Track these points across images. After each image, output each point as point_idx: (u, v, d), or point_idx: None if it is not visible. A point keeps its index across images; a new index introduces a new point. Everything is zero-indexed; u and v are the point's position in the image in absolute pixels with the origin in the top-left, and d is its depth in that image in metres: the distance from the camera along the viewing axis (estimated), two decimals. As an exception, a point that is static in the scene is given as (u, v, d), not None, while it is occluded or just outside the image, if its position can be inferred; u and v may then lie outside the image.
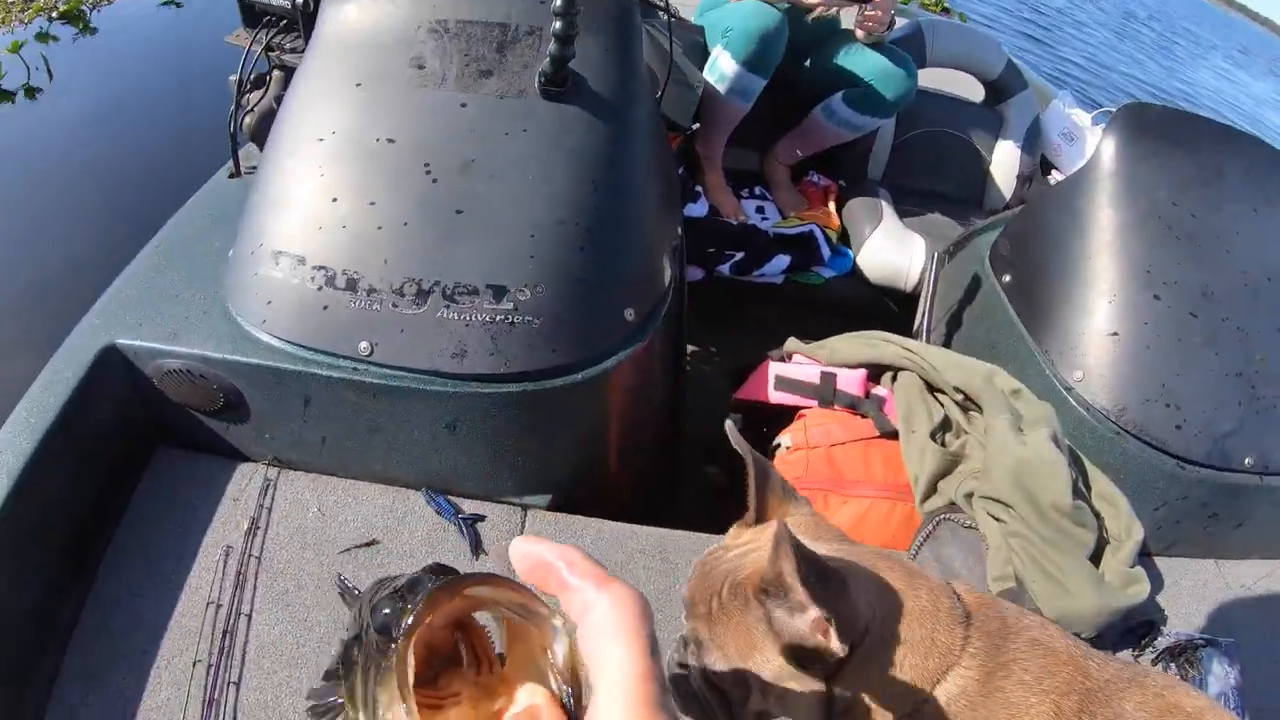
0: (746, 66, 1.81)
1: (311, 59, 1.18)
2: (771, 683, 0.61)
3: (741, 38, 1.78)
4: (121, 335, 1.08)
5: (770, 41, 1.78)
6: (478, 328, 1.02)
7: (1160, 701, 0.64)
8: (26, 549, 0.97)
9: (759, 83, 1.86)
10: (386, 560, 1.08)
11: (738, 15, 1.79)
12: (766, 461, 0.73)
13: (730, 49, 1.81)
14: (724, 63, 1.83)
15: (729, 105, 1.89)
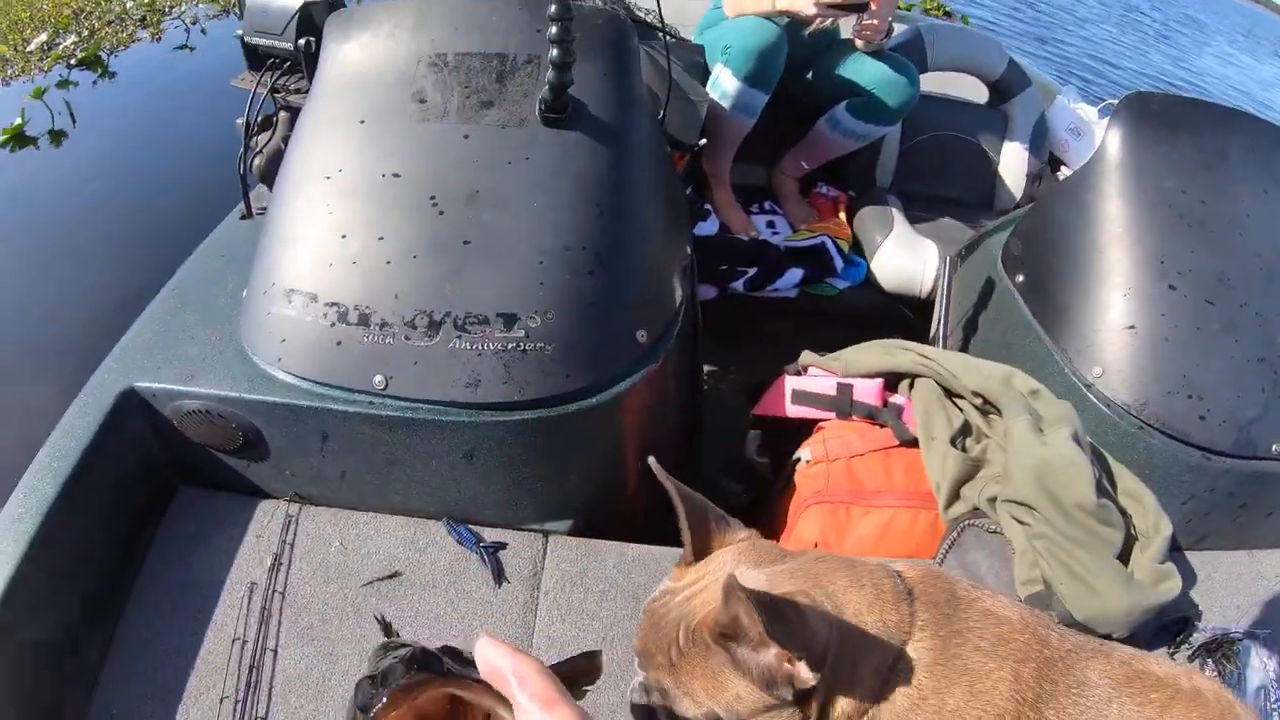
0: (748, 82, 1.82)
1: (315, 99, 1.20)
2: (749, 718, 0.62)
3: (741, 54, 1.78)
4: (140, 378, 1.10)
5: (769, 56, 1.78)
6: (490, 357, 1.02)
7: (1126, 669, 0.66)
8: (53, 591, 0.99)
9: (761, 98, 1.86)
10: (410, 592, 1.08)
11: (736, 32, 1.80)
12: (695, 494, 0.71)
13: (730, 66, 1.81)
14: (725, 80, 1.83)
15: (733, 122, 1.89)
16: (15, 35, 5.69)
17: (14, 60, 5.31)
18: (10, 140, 4.03)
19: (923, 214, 2.12)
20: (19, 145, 4.03)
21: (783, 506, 1.29)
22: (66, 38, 5.60)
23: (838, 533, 1.18)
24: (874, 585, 0.66)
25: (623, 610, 1.07)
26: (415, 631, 1.04)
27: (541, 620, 1.06)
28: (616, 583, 1.10)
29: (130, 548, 1.11)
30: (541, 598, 1.08)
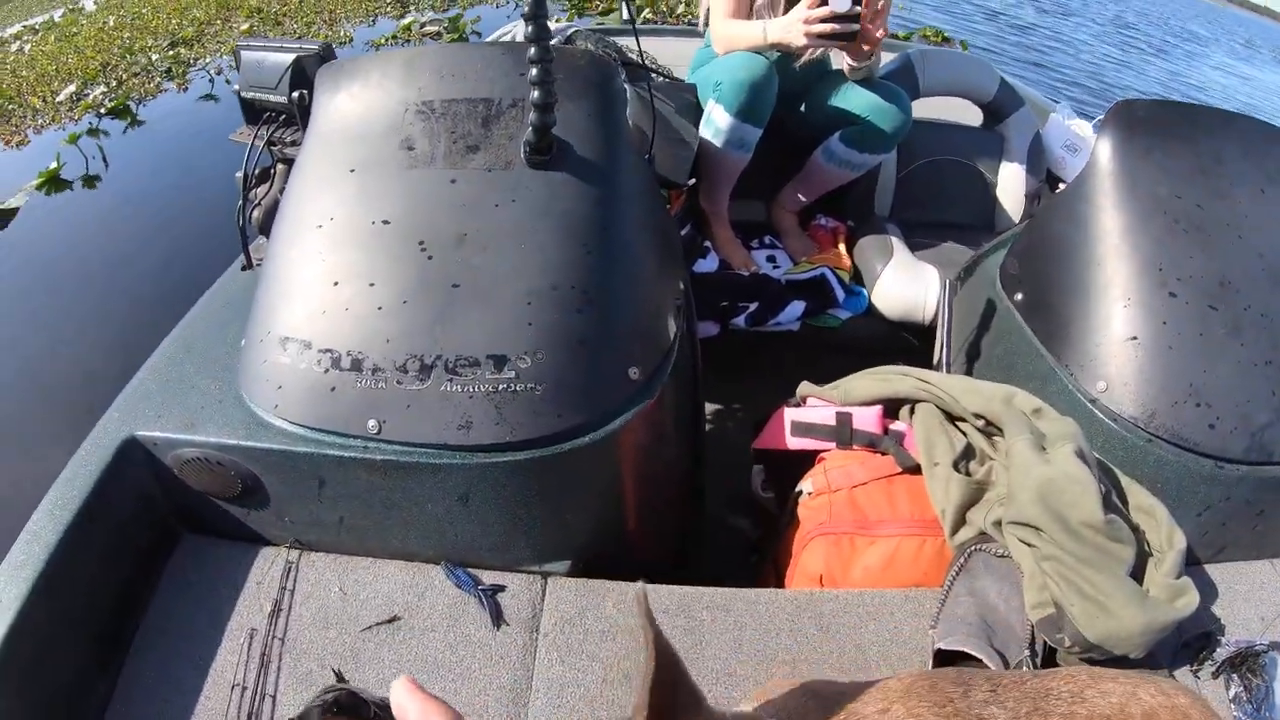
0: (740, 117, 1.83)
1: (307, 149, 1.22)
2: None
3: (732, 89, 1.79)
4: (141, 427, 1.12)
5: (760, 90, 1.79)
6: (481, 398, 1.02)
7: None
8: (58, 636, 1.00)
9: (755, 133, 1.88)
10: (409, 636, 1.08)
11: (726, 68, 1.81)
12: (673, 655, 0.54)
13: (722, 102, 1.82)
14: (718, 116, 1.85)
15: (728, 158, 1.90)
16: (44, 87, 6.06)
17: (44, 110, 5.64)
18: (46, 183, 4.25)
19: (923, 240, 2.12)
20: (55, 189, 4.24)
21: (788, 540, 1.27)
22: (95, 88, 5.94)
23: (842, 565, 1.16)
24: None
25: (622, 651, 1.06)
26: (416, 674, 1.02)
27: (541, 662, 1.04)
28: (616, 623, 1.08)
29: (134, 594, 1.12)
30: (540, 640, 1.06)
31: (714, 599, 1.11)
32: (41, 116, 5.49)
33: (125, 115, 5.44)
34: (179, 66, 6.58)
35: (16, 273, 3.51)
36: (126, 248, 3.59)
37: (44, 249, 3.70)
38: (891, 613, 1.10)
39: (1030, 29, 10.84)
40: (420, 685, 0.38)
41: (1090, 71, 9.23)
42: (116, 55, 6.73)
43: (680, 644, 1.06)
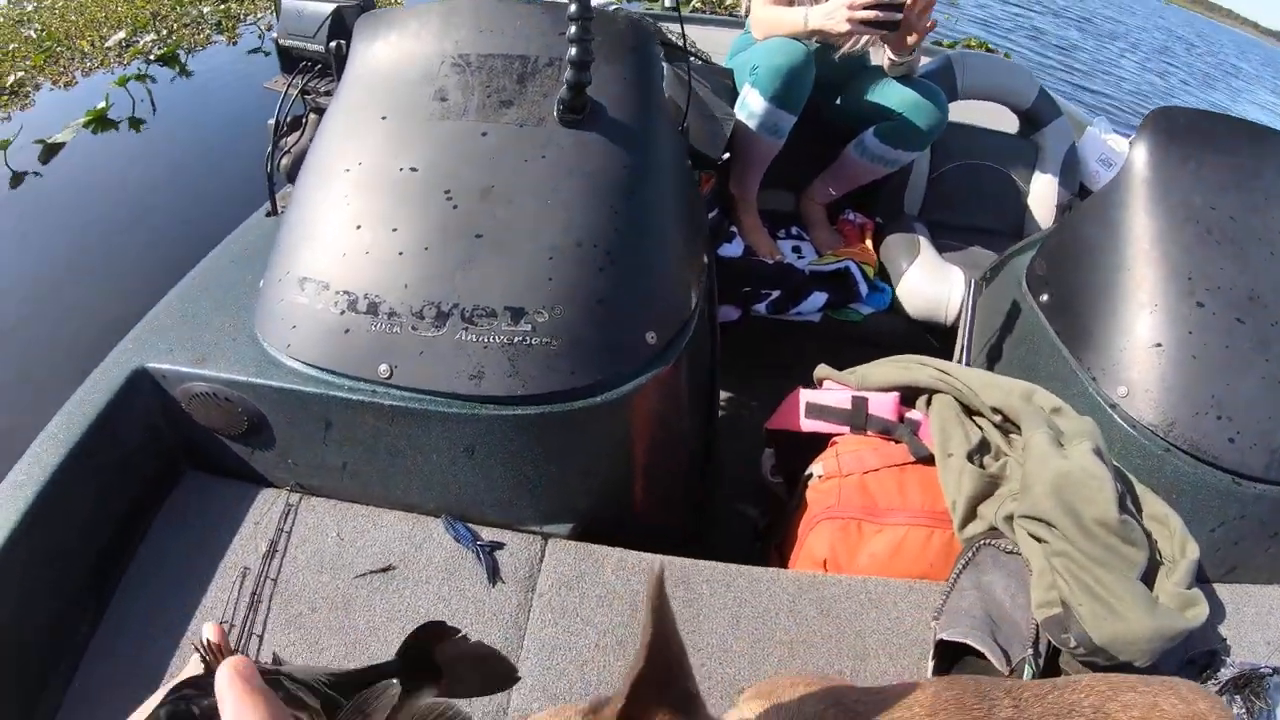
0: (775, 103, 1.82)
1: (341, 95, 1.21)
2: None
3: (768, 74, 1.78)
4: (152, 359, 1.12)
5: (797, 76, 1.78)
6: (496, 349, 1.01)
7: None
8: (49, 563, 0.99)
9: (789, 119, 1.86)
10: (402, 586, 1.07)
11: (764, 53, 1.81)
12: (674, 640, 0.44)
13: (758, 86, 1.81)
14: (752, 100, 1.84)
15: (760, 142, 1.89)
16: (93, 33, 6.23)
17: (92, 54, 5.77)
18: (93, 122, 4.37)
19: (950, 242, 2.10)
20: (102, 128, 4.38)
21: (794, 523, 1.25)
22: (144, 36, 6.11)
23: (848, 550, 1.14)
24: None
25: (618, 618, 1.04)
26: (404, 627, 1.02)
27: (534, 623, 1.03)
28: (614, 589, 1.07)
29: (130, 526, 1.11)
30: (536, 600, 1.05)
31: (715, 573, 1.09)
32: (90, 60, 5.62)
33: (174, 64, 5.59)
34: (229, 20, 6.73)
35: (54, 206, 3.63)
36: (161, 190, 3.69)
37: (83, 185, 3.80)
38: (894, 602, 1.08)
39: (1073, 49, 10.78)
40: (248, 673, 0.38)
41: (1132, 97, 9.15)
42: (167, 5, 6.87)
43: (681, 614, 1.04)
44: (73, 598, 1.02)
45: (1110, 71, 10.26)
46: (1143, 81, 10.63)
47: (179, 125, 4.47)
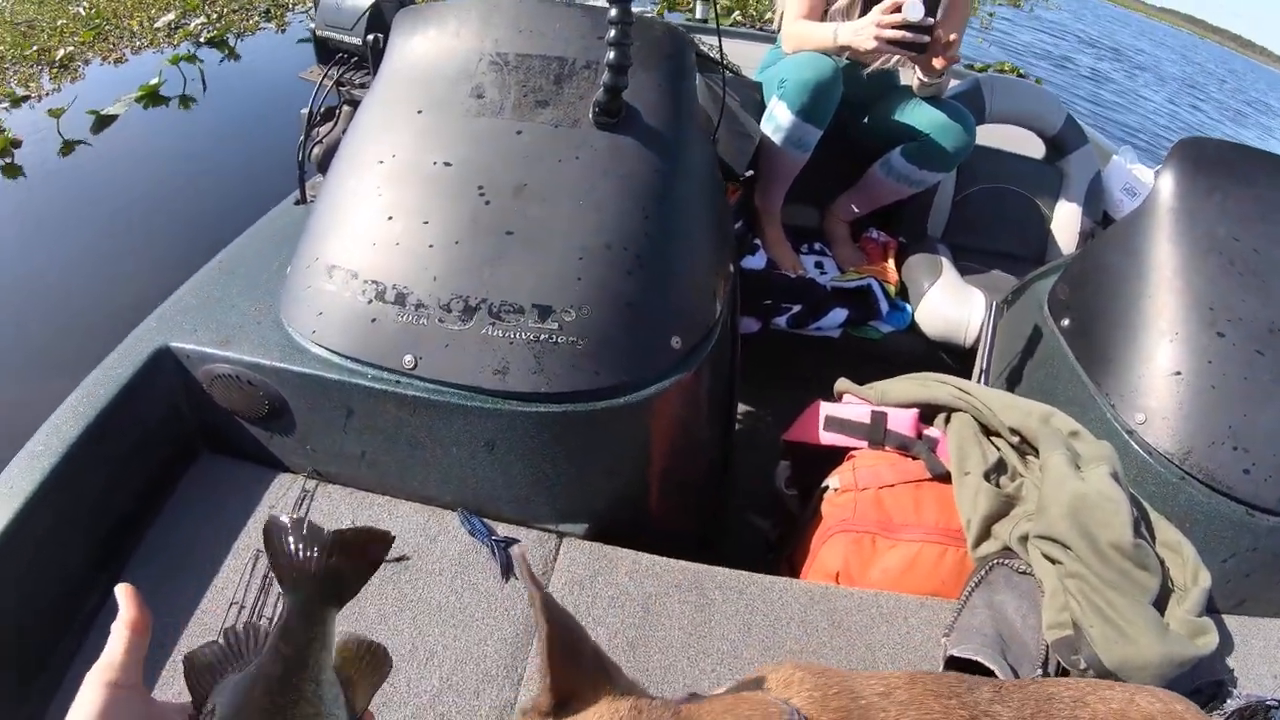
0: (801, 116, 1.84)
1: (378, 87, 1.24)
2: None
3: (796, 87, 1.81)
4: (176, 339, 1.14)
5: (824, 90, 1.80)
6: (521, 346, 1.03)
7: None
8: (61, 532, 1.01)
9: (815, 133, 1.89)
10: (415, 577, 1.09)
11: (792, 66, 1.83)
12: (570, 618, 0.54)
13: (785, 99, 1.84)
14: (779, 113, 1.86)
15: (786, 156, 1.92)
16: (142, 13, 6.45)
17: (141, 34, 6.05)
18: (145, 97, 4.64)
19: (972, 265, 2.13)
20: (153, 103, 4.64)
21: (807, 536, 1.27)
22: (194, 19, 6.36)
23: (861, 564, 1.16)
24: None
25: (630, 619, 1.06)
26: (415, 616, 1.03)
27: None
28: (627, 591, 1.08)
29: (145, 503, 1.13)
30: None
31: (727, 580, 1.11)
32: (139, 40, 5.86)
33: (223, 48, 5.86)
34: (277, 8, 6.98)
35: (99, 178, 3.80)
36: (196, 170, 3.84)
37: (122, 160, 3.98)
38: (905, 618, 1.10)
39: (1103, 79, 10.79)
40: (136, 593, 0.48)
41: (1160, 130, 9.15)
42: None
43: (691, 619, 1.06)
44: (84, 570, 1.04)
45: (1137, 105, 10.28)
46: (1173, 114, 10.64)
47: (221, 108, 4.68)
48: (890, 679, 0.63)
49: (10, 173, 3.79)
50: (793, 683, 0.61)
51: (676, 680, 1.00)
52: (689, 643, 1.04)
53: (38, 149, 3.95)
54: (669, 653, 1.02)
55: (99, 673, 0.44)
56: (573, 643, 0.52)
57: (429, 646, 1.02)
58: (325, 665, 0.45)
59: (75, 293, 2.91)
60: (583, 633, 0.54)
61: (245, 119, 4.51)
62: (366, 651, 0.48)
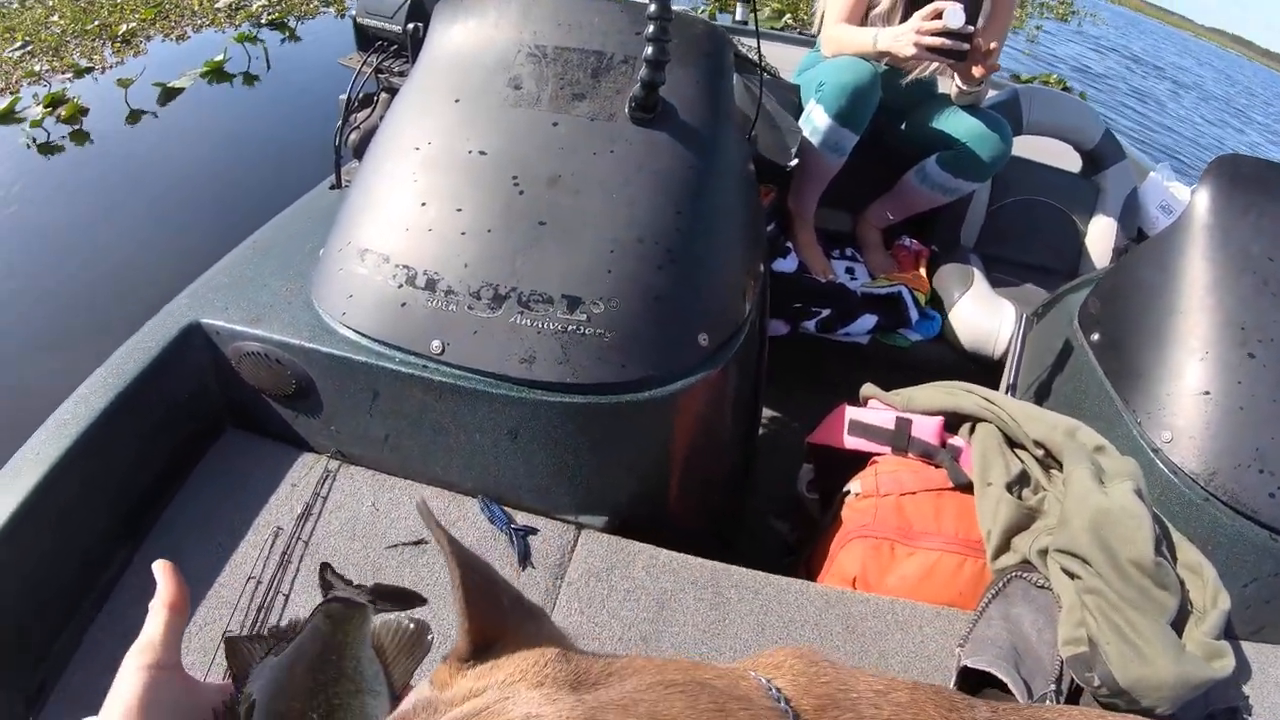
0: (839, 120, 1.85)
1: (416, 75, 1.26)
2: None
3: (834, 91, 1.82)
4: (207, 315, 1.17)
5: (862, 95, 1.81)
6: (549, 336, 1.04)
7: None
8: (85, 502, 1.05)
9: (851, 138, 1.90)
10: (432, 560, 1.12)
11: (831, 70, 1.85)
12: (477, 559, 0.48)
13: (823, 102, 1.85)
14: (817, 116, 1.87)
15: (822, 160, 1.93)
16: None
17: (201, 13, 6.33)
18: (211, 73, 4.92)
19: (1004, 276, 2.14)
20: (217, 79, 4.92)
21: (826, 540, 1.28)
22: (255, 0, 6.62)
23: (879, 570, 1.17)
24: None
25: (644, 613, 1.08)
26: (433, 598, 1.04)
27: (560, 610, 1.06)
28: (643, 585, 1.10)
29: (168, 476, 1.17)
30: (564, 588, 1.09)
31: (744, 579, 1.12)
32: (199, 18, 6.14)
33: (284, 29, 6.13)
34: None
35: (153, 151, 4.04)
36: (245, 148, 4.05)
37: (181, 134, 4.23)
38: (920, 626, 1.10)
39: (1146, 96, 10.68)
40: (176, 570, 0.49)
41: (1202, 149, 9.06)
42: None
43: (707, 616, 1.07)
44: (105, 538, 1.08)
45: (1179, 124, 10.18)
46: (1218, 135, 10.52)
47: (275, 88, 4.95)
48: (894, 682, 0.63)
49: (78, 139, 4.10)
50: (782, 666, 0.60)
51: (689, 676, 1.01)
52: (702, 640, 1.05)
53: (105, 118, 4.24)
54: (682, 649, 1.04)
55: (138, 654, 0.44)
56: (489, 588, 0.48)
57: (444, 629, 1.03)
58: (364, 643, 0.47)
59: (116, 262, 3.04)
60: (500, 579, 0.49)
61: (295, 101, 4.70)
62: (407, 629, 0.49)
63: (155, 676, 0.42)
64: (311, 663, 0.45)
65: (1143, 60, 13.81)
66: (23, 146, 3.97)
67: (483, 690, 0.43)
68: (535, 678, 0.44)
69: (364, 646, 0.47)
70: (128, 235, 3.23)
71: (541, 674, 0.45)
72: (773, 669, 0.57)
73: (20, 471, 0.99)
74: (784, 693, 0.51)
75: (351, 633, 0.47)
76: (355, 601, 0.50)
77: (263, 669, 0.45)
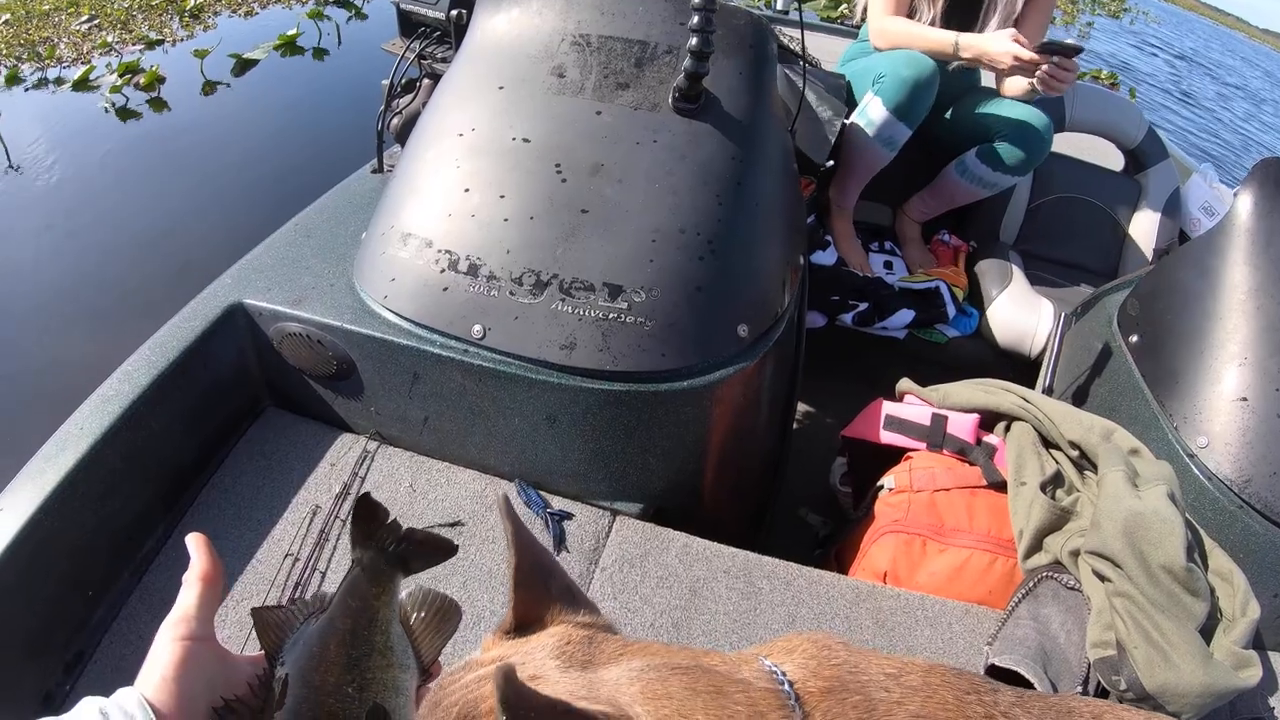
0: (896, 114, 1.87)
1: (460, 62, 1.29)
2: None
3: (894, 85, 1.83)
4: (250, 296, 1.22)
5: (922, 91, 1.83)
6: (590, 323, 1.07)
7: None
8: (126, 475, 1.09)
9: (905, 133, 1.92)
10: (469, 543, 1.16)
11: (890, 63, 1.86)
12: (538, 547, 0.59)
13: (882, 95, 1.86)
14: (873, 109, 1.88)
15: (872, 152, 1.95)
16: None
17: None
18: (283, 46, 5.18)
19: (1042, 274, 2.16)
20: (289, 52, 5.19)
21: (858, 534, 1.31)
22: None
23: (909, 565, 1.19)
24: (747, 706, 0.51)
25: (676, 600, 1.11)
26: (466, 581, 1.10)
27: (593, 595, 1.10)
28: (676, 572, 1.12)
29: (208, 453, 1.22)
30: (598, 573, 1.11)
31: (776, 570, 1.15)
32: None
33: (349, 7, 6.34)
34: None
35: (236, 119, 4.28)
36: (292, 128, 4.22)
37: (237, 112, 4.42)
38: (949, 624, 1.13)
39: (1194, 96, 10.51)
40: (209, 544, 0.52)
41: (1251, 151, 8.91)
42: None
43: (738, 605, 1.10)
44: (146, 511, 1.13)
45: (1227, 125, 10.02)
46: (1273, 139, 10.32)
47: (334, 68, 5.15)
48: (907, 664, 0.63)
49: (156, 106, 4.36)
50: (794, 650, 0.62)
51: (718, 664, 1.04)
52: (733, 629, 1.08)
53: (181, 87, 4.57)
54: (713, 637, 1.07)
55: (172, 627, 0.46)
56: (541, 574, 0.57)
57: (477, 610, 1.07)
58: (392, 619, 0.50)
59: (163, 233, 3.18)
60: (556, 567, 0.59)
61: (338, 84, 4.87)
62: (435, 604, 0.53)
63: (189, 648, 0.45)
64: (344, 638, 0.47)
65: (1191, 59, 13.59)
66: (101, 111, 4.20)
67: (510, 655, 0.53)
68: (554, 650, 0.53)
69: (392, 623, 0.50)
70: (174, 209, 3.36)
71: (561, 648, 0.53)
72: (785, 653, 0.61)
73: (64, 445, 1.03)
74: (790, 676, 0.55)
75: (381, 608, 0.50)
76: (385, 563, 0.52)
77: (295, 642, 0.47)
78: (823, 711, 0.53)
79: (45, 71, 4.64)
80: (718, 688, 0.51)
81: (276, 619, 0.48)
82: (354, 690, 0.45)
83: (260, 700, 0.45)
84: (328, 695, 0.44)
